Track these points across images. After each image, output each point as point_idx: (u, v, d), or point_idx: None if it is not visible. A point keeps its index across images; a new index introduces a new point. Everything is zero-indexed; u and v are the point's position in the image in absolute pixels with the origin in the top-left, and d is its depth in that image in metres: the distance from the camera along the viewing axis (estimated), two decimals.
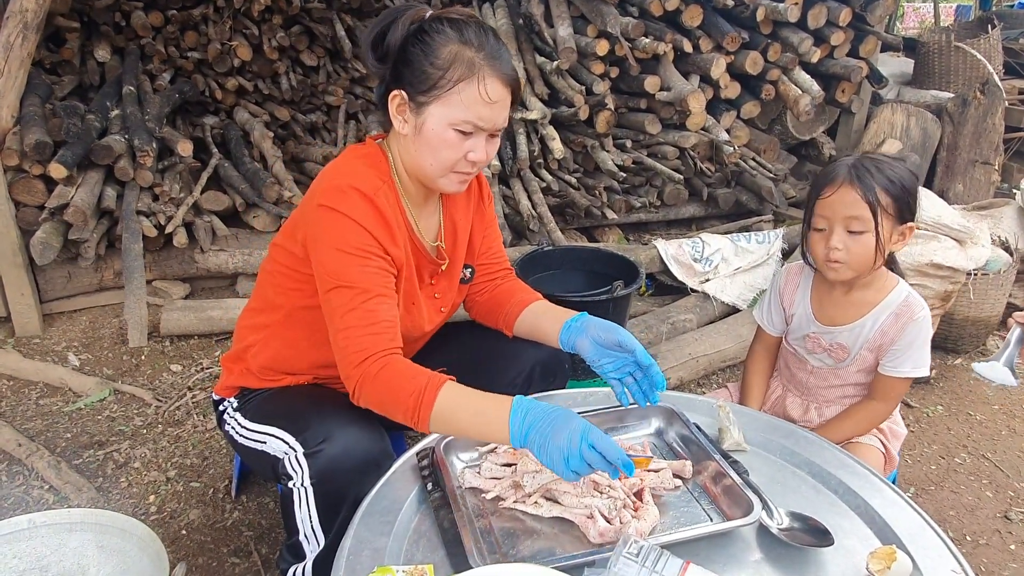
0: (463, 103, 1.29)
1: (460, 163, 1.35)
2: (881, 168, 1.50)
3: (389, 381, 1.27)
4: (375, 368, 1.27)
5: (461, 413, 1.24)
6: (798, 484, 1.33)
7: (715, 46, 3.84)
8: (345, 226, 1.32)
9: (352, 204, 1.33)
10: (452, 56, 1.29)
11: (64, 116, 3.04)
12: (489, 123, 1.32)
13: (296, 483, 1.34)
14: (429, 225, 1.54)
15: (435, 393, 1.24)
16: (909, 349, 1.59)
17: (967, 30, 5.21)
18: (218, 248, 3.20)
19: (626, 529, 1.14)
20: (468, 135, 1.33)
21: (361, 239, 1.33)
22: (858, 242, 1.52)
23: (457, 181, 1.40)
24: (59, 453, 2.26)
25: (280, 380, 1.56)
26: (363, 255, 1.33)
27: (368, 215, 1.34)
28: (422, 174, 1.40)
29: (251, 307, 1.61)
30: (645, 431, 1.48)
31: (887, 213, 1.50)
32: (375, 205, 1.35)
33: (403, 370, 1.28)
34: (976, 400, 2.76)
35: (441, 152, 1.34)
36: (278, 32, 4.32)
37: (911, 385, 2.75)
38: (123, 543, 1.40)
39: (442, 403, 1.23)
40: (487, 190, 1.67)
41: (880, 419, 1.69)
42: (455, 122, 1.31)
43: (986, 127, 4.08)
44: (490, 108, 1.30)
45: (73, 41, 3.78)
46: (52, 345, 2.91)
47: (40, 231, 2.81)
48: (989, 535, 2.07)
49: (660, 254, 3.24)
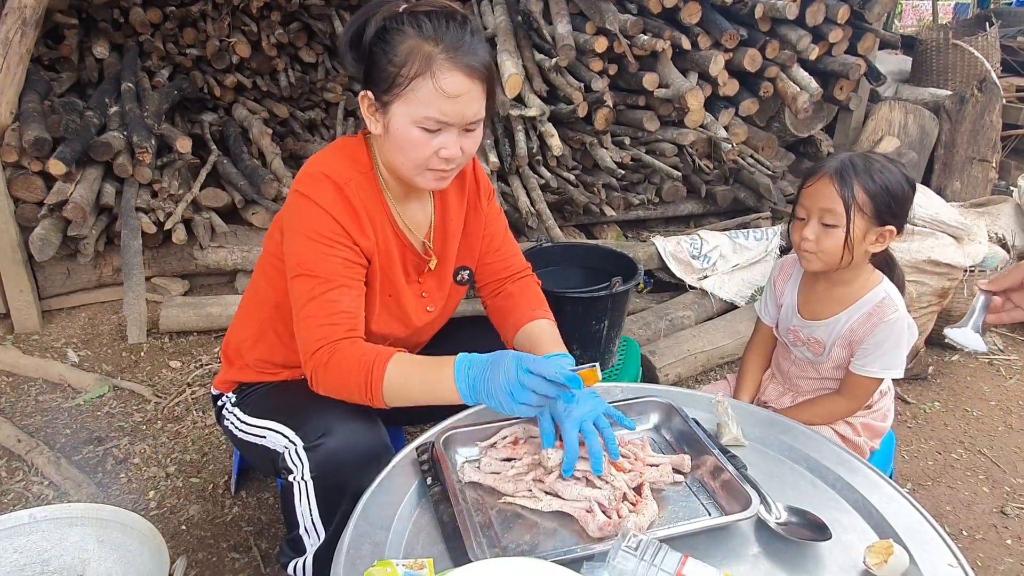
0: (421, 100, 1.26)
1: (432, 160, 1.32)
2: (869, 167, 1.51)
3: (339, 364, 1.29)
4: (326, 356, 1.30)
5: (411, 385, 1.28)
6: (796, 479, 1.34)
7: (714, 43, 3.84)
8: (313, 213, 1.34)
9: (321, 191, 1.34)
10: (408, 52, 1.25)
11: (63, 113, 3.04)
12: (455, 118, 1.28)
13: (296, 477, 1.34)
14: (418, 221, 1.52)
15: (383, 369, 1.26)
16: (878, 350, 1.59)
17: (965, 28, 5.23)
18: (217, 245, 3.20)
19: (625, 523, 1.14)
20: (435, 132, 1.29)
21: (328, 227, 1.34)
22: (829, 236, 1.53)
23: (433, 178, 1.36)
24: (59, 449, 2.27)
25: (277, 374, 1.57)
26: (329, 243, 1.34)
27: (336, 203, 1.35)
28: (397, 172, 1.39)
29: (245, 299, 1.63)
30: (644, 427, 1.48)
31: (862, 212, 1.51)
32: (344, 194, 1.35)
33: (352, 352, 1.30)
34: (973, 396, 2.77)
35: (409, 151, 1.31)
36: (277, 29, 4.32)
37: (908, 381, 2.80)
38: (124, 538, 1.40)
39: (390, 378, 1.27)
40: (486, 187, 1.63)
41: (840, 415, 1.70)
42: (417, 119, 1.28)
43: (983, 124, 4.09)
44: (453, 103, 1.26)
45: (71, 38, 3.77)
46: (51, 341, 2.91)
47: (39, 227, 2.81)
48: (985, 530, 2.09)
49: (659, 251, 3.25)
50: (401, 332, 1.55)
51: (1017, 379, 2.89)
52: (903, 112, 4.21)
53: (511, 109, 3.46)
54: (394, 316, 1.52)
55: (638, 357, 2.49)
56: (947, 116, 4.20)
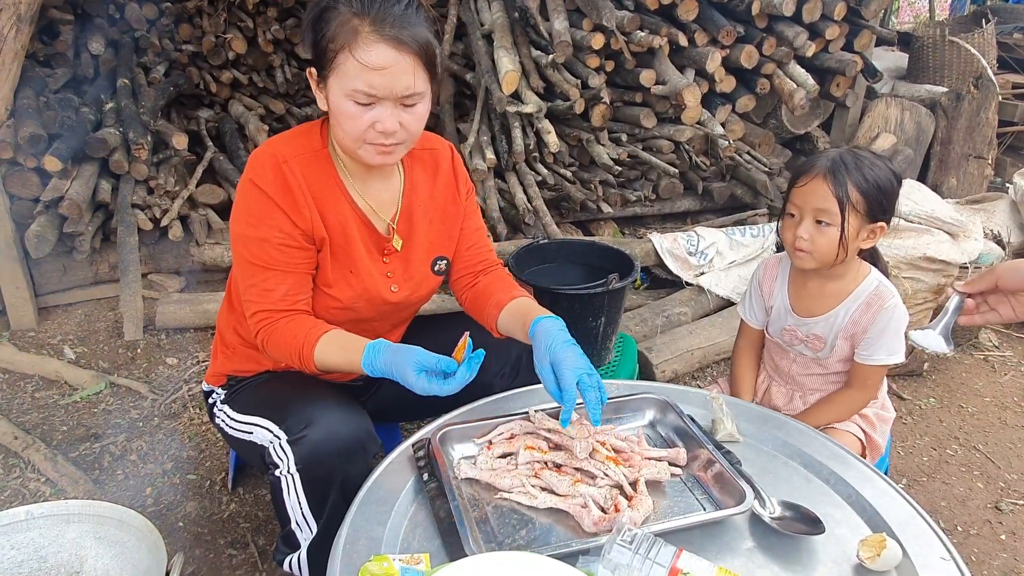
0: (348, 73, 1.27)
1: (369, 133, 1.32)
2: (860, 165, 1.52)
3: (277, 340, 1.40)
4: (264, 335, 1.41)
5: (331, 357, 1.38)
6: (790, 474, 1.35)
7: (711, 40, 3.84)
8: (252, 194, 1.38)
9: (261, 171, 1.38)
10: (337, 27, 1.27)
11: (58, 109, 3.03)
12: (384, 90, 1.27)
13: (283, 471, 1.35)
14: (382, 201, 1.51)
15: (312, 348, 1.37)
16: (881, 337, 1.61)
17: (961, 24, 5.22)
18: (213, 241, 3.20)
19: (620, 518, 1.15)
20: (367, 105, 1.30)
21: (263, 206, 1.38)
22: (824, 234, 1.54)
23: (375, 152, 1.36)
24: (55, 446, 2.27)
25: (263, 364, 1.58)
26: (264, 225, 1.38)
27: (272, 183, 1.37)
28: (344, 148, 1.40)
29: (228, 291, 1.64)
30: (639, 422, 1.49)
31: (856, 210, 1.52)
32: (280, 172, 1.38)
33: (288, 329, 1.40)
34: (968, 392, 2.78)
35: (346, 124, 1.32)
36: (273, 25, 4.31)
37: (903, 378, 2.81)
38: (121, 534, 1.40)
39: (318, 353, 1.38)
40: (465, 183, 1.64)
41: (859, 406, 1.71)
42: (348, 92, 1.29)
43: (979, 121, 4.10)
44: (379, 75, 1.26)
45: (67, 34, 3.75)
46: (48, 338, 2.91)
47: (35, 224, 2.81)
48: (980, 525, 2.10)
49: (655, 248, 3.25)
50: (367, 310, 1.55)
51: (1012, 375, 2.91)
52: (899, 109, 4.22)
53: (508, 106, 3.46)
54: (355, 291, 1.51)
55: (634, 354, 2.50)
56: (943, 113, 4.20)
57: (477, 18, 3.95)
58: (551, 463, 1.31)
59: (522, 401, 1.50)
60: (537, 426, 1.36)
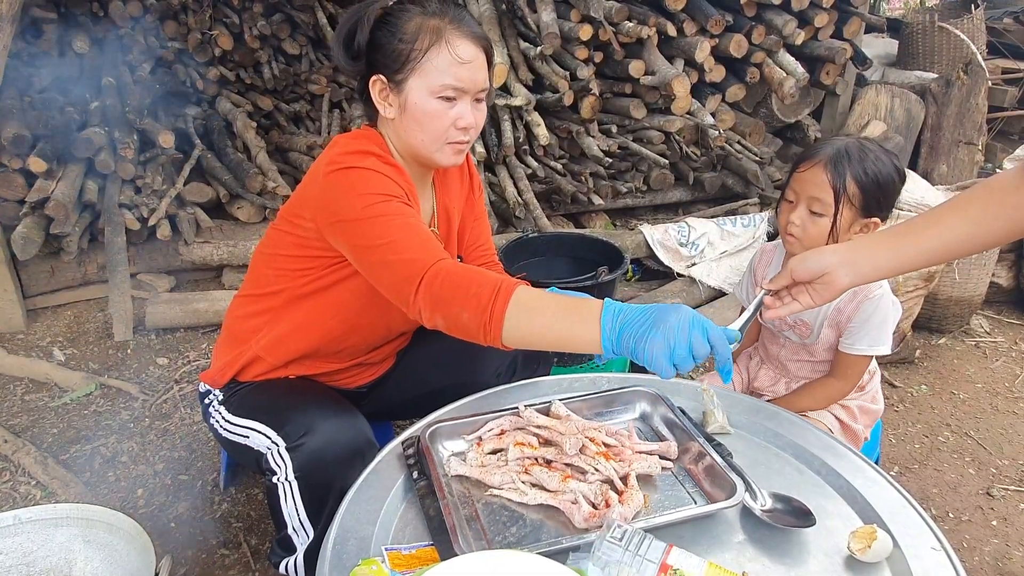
0: (438, 68, 1.32)
1: (451, 132, 1.37)
2: (864, 157, 1.51)
3: (458, 276, 1.18)
4: (438, 271, 1.19)
5: (545, 309, 1.13)
6: (781, 466, 1.34)
7: (699, 29, 3.83)
8: (367, 176, 1.30)
9: (367, 161, 1.33)
10: (417, 27, 1.32)
11: (43, 109, 3.00)
12: (469, 83, 1.34)
13: (280, 478, 1.34)
14: (424, 210, 1.54)
15: (512, 287, 1.15)
16: (865, 326, 1.60)
17: (951, 10, 5.22)
18: (202, 240, 3.18)
19: (610, 514, 1.14)
20: (452, 100, 1.34)
21: (387, 186, 1.30)
22: (816, 223, 1.54)
23: (452, 152, 1.40)
24: (46, 449, 2.25)
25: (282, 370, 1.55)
26: (391, 199, 1.28)
27: (385, 169, 1.33)
28: (416, 152, 1.41)
29: (247, 293, 1.58)
30: (630, 415, 1.48)
31: (851, 203, 1.51)
32: (389, 161, 1.35)
33: (473, 269, 1.21)
34: (959, 379, 2.79)
35: (428, 124, 1.35)
36: (259, 20, 4.27)
37: (895, 365, 2.81)
38: (110, 537, 1.40)
39: (520, 298, 1.13)
40: (477, 181, 1.68)
41: (837, 396, 1.71)
42: (435, 89, 1.33)
43: (969, 107, 4.09)
44: (467, 68, 1.33)
45: (51, 33, 3.71)
46: (37, 340, 2.89)
47: (21, 226, 2.78)
48: (972, 512, 2.10)
49: (646, 239, 3.24)
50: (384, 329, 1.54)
51: (1003, 361, 2.91)
52: (889, 96, 4.21)
53: (497, 99, 3.44)
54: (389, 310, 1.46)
55: None
56: (933, 99, 4.20)
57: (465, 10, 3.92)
58: (541, 459, 1.31)
59: (512, 397, 1.50)
60: (527, 422, 1.36)
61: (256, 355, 1.52)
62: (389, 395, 1.72)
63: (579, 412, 1.44)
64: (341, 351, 1.58)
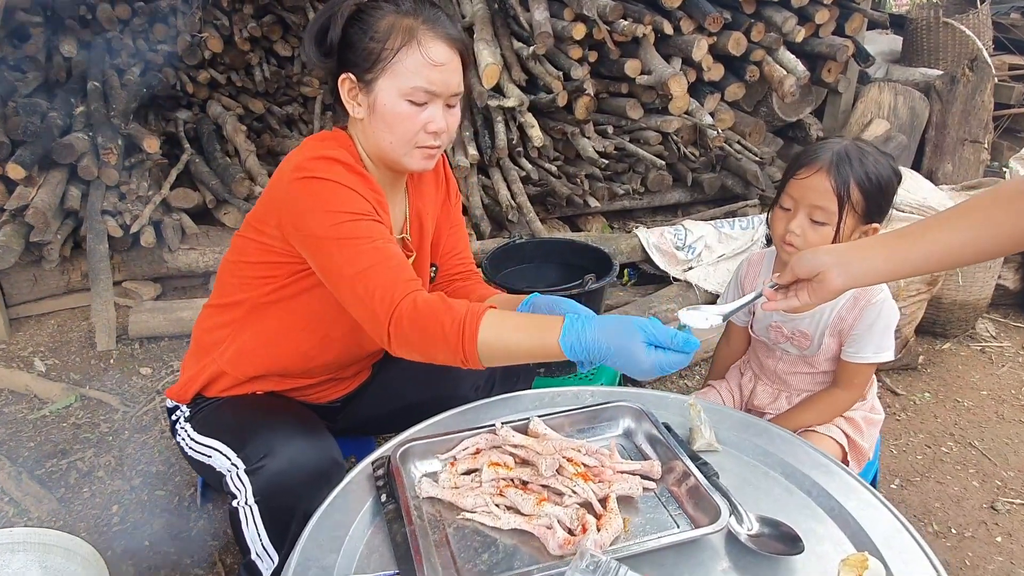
0: (409, 70, 1.26)
1: (420, 136, 1.31)
2: (864, 160, 1.44)
3: (426, 310, 1.18)
4: (409, 305, 1.19)
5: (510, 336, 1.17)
6: (771, 486, 1.27)
7: (697, 27, 3.75)
8: (332, 190, 1.25)
9: (332, 171, 1.27)
10: (390, 26, 1.27)
11: (23, 114, 2.95)
12: (441, 87, 1.29)
13: (240, 501, 1.27)
14: (395, 216, 1.48)
15: (480, 313, 1.17)
16: (869, 333, 1.54)
17: (956, 5, 5.14)
18: (188, 247, 3.12)
19: (584, 541, 1.08)
20: (422, 105, 1.29)
21: (355, 202, 1.25)
22: (817, 232, 1.48)
23: (421, 157, 1.34)
24: (22, 463, 2.20)
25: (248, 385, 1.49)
26: (360, 218, 1.24)
27: (357, 182, 1.28)
28: (385, 155, 1.34)
29: (212, 303, 1.53)
30: (613, 432, 1.41)
31: (854, 210, 1.46)
32: (355, 170, 1.29)
33: (440, 300, 1.20)
34: (964, 386, 2.70)
35: (397, 127, 1.29)
36: (249, 22, 4.22)
37: (897, 372, 2.73)
38: (66, 563, 1.34)
39: (490, 321, 1.17)
40: (454, 187, 1.63)
41: (843, 408, 1.64)
42: (405, 91, 1.27)
43: (975, 105, 4.01)
44: (438, 71, 1.27)
45: (37, 37, 3.67)
46: (18, 350, 2.83)
47: (0, 234, 2.73)
48: (975, 527, 2.02)
49: (641, 243, 3.17)
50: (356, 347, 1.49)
51: (1009, 367, 2.83)
52: (893, 94, 4.13)
53: (489, 100, 3.38)
54: None
55: None
56: (938, 97, 4.11)
57: (458, 10, 3.86)
58: (517, 480, 1.24)
59: (492, 412, 1.43)
60: (503, 440, 1.29)
61: (220, 369, 1.45)
62: (364, 409, 1.66)
63: (561, 428, 1.37)
64: (311, 369, 1.51)
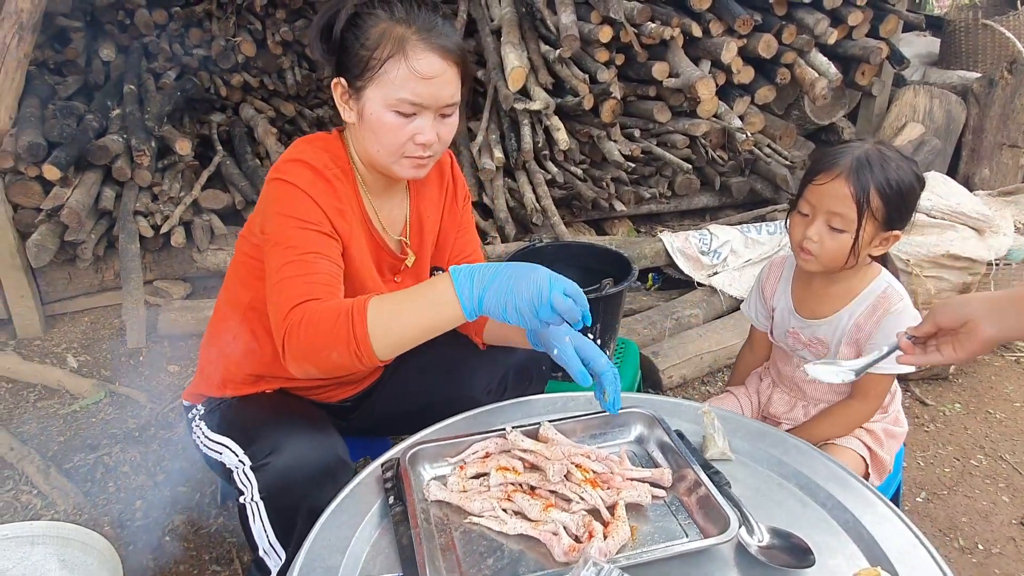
0: (395, 82, 1.23)
1: (408, 146, 1.29)
2: (885, 166, 1.40)
3: (314, 317, 1.15)
4: (299, 315, 1.16)
5: (402, 312, 1.14)
6: (784, 497, 1.25)
7: (726, 29, 3.71)
8: (292, 195, 1.27)
9: (299, 175, 1.28)
10: (380, 35, 1.24)
11: (59, 117, 3.03)
12: (429, 100, 1.25)
13: (247, 498, 1.29)
14: (393, 218, 1.48)
15: (364, 305, 1.14)
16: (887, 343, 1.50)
17: (996, 7, 5.00)
18: (216, 247, 3.17)
19: (588, 549, 1.07)
20: (410, 116, 1.26)
21: (308, 210, 1.27)
22: (835, 239, 1.44)
23: (410, 166, 1.32)
24: (51, 457, 2.25)
25: (255, 384, 1.51)
26: (307, 226, 1.26)
27: (315, 185, 1.28)
28: (374, 162, 1.34)
29: (220, 303, 1.56)
30: (625, 438, 1.40)
31: (874, 217, 1.42)
32: (323, 176, 1.30)
33: (327, 304, 1.17)
34: (996, 397, 2.62)
35: (384, 137, 1.28)
36: (282, 26, 4.28)
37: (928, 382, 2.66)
38: (84, 557, 1.37)
39: (375, 312, 1.13)
40: (463, 189, 1.61)
41: (860, 420, 1.60)
42: (391, 103, 1.25)
43: (1014, 108, 3.90)
44: (427, 84, 1.24)
45: (77, 41, 3.77)
46: (52, 347, 2.91)
47: (36, 233, 2.81)
48: (1003, 543, 1.96)
49: (666, 247, 3.14)
50: None
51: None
52: (928, 97, 4.04)
53: (516, 103, 3.38)
54: None
55: (636, 360, 2.40)
56: (975, 100, 4.01)
57: (487, 13, 3.87)
58: (526, 485, 1.24)
59: (504, 416, 1.43)
60: (512, 445, 1.29)
61: (228, 368, 1.48)
62: (377, 410, 1.66)
63: (573, 433, 1.37)
64: None
